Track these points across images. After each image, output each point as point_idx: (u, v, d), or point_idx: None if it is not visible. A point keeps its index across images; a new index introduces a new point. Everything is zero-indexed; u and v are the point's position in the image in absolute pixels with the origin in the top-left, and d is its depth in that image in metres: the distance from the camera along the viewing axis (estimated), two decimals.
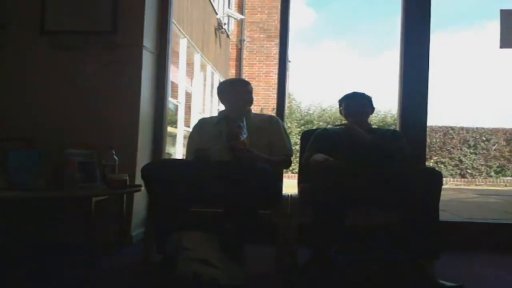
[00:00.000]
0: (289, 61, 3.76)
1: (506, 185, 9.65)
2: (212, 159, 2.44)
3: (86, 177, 2.58)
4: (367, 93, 2.73)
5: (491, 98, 16.23)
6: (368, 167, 2.29)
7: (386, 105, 11.85)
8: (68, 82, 2.99)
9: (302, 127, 11.37)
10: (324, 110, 12.25)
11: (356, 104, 2.66)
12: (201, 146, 2.56)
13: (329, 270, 2.13)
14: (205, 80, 9.87)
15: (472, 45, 17.42)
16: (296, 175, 2.83)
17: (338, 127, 2.72)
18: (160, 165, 2.45)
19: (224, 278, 1.93)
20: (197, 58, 8.87)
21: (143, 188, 2.46)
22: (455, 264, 2.60)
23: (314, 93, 22.86)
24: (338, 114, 12.85)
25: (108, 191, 2.57)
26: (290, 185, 2.95)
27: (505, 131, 10.82)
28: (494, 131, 10.81)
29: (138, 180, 2.53)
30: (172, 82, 7.14)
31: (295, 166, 2.95)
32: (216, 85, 10.62)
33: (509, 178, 10.29)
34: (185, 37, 7.68)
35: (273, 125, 2.67)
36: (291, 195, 2.51)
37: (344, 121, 2.76)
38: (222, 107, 2.84)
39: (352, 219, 2.23)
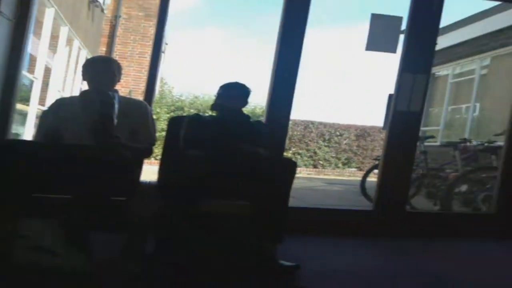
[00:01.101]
0: (166, 44, 3.70)
1: (350, 176, 10.80)
2: (66, 142, 2.33)
3: None
4: (248, 85, 2.73)
5: (347, 96, 17.84)
6: (232, 156, 2.38)
7: (257, 98, 12.28)
8: None
9: (172, 113, 11.21)
10: (196, 97, 12.26)
11: (226, 97, 2.66)
12: (55, 128, 2.41)
13: (178, 257, 2.22)
14: (70, 55, 9.19)
15: (335, 45, 18.93)
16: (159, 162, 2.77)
17: (210, 115, 2.76)
18: (2, 145, 2.26)
19: (66, 266, 1.88)
20: (64, 31, 8.19)
21: None
22: (298, 246, 2.81)
23: (189, 79, 22.64)
24: (210, 102, 12.94)
25: None
26: (152, 171, 2.97)
27: (356, 128, 12.07)
28: (347, 127, 11.98)
29: None
30: (31, 55, 6.56)
31: (158, 152, 2.94)
32: (81, 61, 9.98)
33: (353, 169, 11.54)
34: (53, 6, 7.04)
35: (141, 111, 2.60)
36: (149, 182, 2.45)
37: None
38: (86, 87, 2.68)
39: (205, 207, 2.29)
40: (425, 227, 3.50)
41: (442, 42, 6.70)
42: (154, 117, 2.79)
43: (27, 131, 6.90)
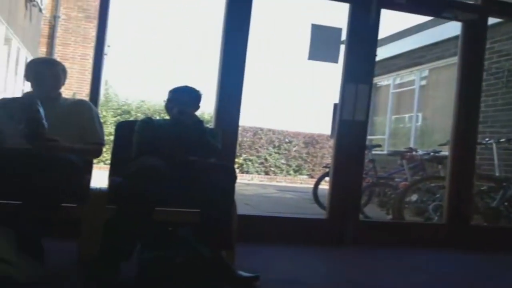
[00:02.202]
0: (109, 46, 3.59)
1: (301, 183, 10.92)
2: (7, 145, 2.18)
3: None
4: (198, 89, 2.67)
5: (296, 103, 18.16)
6: (184, 162, 2.34)
7: (205, 103, 12.13)
8: None
9: (119, 117, 10.93)
10: (143, 101, 12.00)
11: (179, 101, 2.57)
12: None
13: (135, 265, 2.11)
14: (9, 55, 8.71)
15: (285, 52, 19.24)
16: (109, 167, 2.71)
17: (163, 119, 2.68)
18: None
19: (19, 275, 1.77)
20: (1, 30, 7.77)
21: None
22: (254, 255, 2.81)
23: (135, 83, 22.11)
24: (157, 107, 12.53)
25: None
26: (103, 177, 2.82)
27: (304, 135, 12.27)
28: (296, 134, 12.16)
29: None
30: None
31: (108, 156, 2.85)
32: (22, 62, 9.50)
33: (304, 176, 11.69)
34: None
35: (84, 110, 2.51)
36: (100, 189, 2.40)
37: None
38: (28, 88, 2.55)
39: (158, 216, 2.23)
40: (379, 236, 3.56)
41: (382, 53, 6.92)
42: (101, 120, 2.69)
43: None
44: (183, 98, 2.59)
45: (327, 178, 5.63)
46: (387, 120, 9.25)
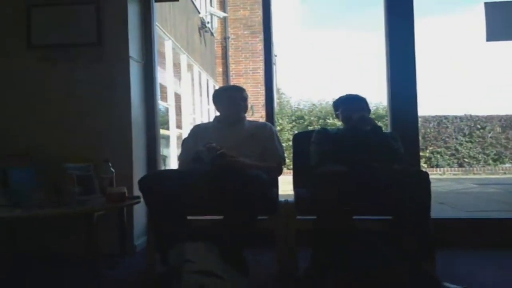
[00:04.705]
0: (275, 56, 3.77)
1: (505, 173, 9.59)
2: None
3: (85, 191, 2.62)
4: (360, 93, 2.71)
5: (485, 85, 16.24)
6: (367, 168, 2.31)
7: (377, 97, 11.77)
8: (59, 96, 3.01)
9: (294, 123, 11.36)
10: (314, 104, 12.23)
11: (354, 109, 2.61)
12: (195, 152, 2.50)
13: (332, 275, 2.11)
14: (193, 80, 9.82)
15: (462, 32, 17.41)
16: (290, 171, 2.84)
17: (337, 128, 2.73)
18: (157, 177, 2.41)
19: (229, 287, 1.91)
20: (183, 59, 8.78)
21: (142, 199, 2.44)
22: (458, 264, 2.57)
23: (303, 88, 22.73)
24: (328, 109, 12.60)
25: (108, 205, 2.57)
26: (285, 181, 2.93)
27: (500, 118, 10.81)
28: (489, 118, 10.80)
29: (136, 191, 2.52)
30: (161, 85, 7.09)
31: (289, 163, 3.00)
32: (204, 84, 10.62)
33: (508, 165, 10.27)
34: (170, 38, 7.58)
35: (266, 132, 2.68)
36: (287, 201, 2.49)
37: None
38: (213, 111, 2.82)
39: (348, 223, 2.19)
40: None
41: None
42: (278, 128, 2.82)
43: (172, 152, 7.54)
44: (359, 106, 2.63)
45: None
46: None
